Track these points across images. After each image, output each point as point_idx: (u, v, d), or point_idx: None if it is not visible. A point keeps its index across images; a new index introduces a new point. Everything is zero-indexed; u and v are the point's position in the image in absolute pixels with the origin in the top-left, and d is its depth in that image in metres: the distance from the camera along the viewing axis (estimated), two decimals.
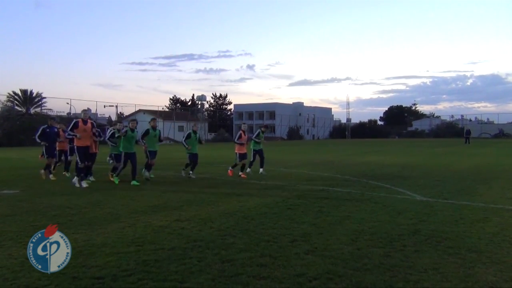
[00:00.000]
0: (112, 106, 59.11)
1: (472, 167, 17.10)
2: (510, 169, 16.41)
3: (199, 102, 73.67)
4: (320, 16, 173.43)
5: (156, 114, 56.82)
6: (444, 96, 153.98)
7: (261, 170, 14.55)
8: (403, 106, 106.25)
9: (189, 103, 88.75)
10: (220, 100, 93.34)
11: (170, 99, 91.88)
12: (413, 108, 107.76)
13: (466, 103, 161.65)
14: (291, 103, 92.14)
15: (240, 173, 13.96)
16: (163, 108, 72.07)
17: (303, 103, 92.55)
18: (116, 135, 12.73)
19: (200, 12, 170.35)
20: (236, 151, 14.19)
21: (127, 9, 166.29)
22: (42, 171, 13.43)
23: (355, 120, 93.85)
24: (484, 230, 6.49)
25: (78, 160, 11.37)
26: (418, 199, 9.33)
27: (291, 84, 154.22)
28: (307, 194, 9.87)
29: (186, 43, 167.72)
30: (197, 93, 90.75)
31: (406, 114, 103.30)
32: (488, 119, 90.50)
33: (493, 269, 4.67)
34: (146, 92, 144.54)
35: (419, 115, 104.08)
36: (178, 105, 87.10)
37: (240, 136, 14.19)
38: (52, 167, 13.77)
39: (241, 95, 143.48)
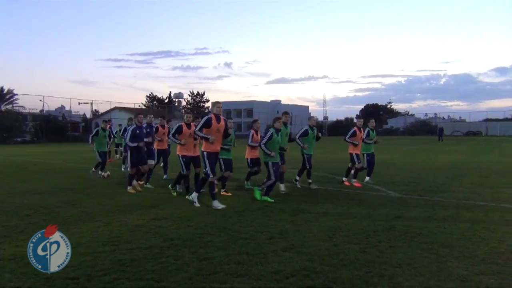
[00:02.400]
0: (87, 103, 58.10)
1: (445, 164, 17.50)
2: (481, 166, 16.88)
3: (176, 100, 73.07)
4: (297, 14, 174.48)
5: (132, 112, 56.01)
6: (419, 94, 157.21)
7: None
8: (379, 104, 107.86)
9: (166, 101, 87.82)
10: (198, 98, 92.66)
11: (147, 96, 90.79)
12: (389, 106, 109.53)
13: (439, 101, 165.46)
14: (269, 101, 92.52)
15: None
16: (139, 106, 71.07)
17: (280, 101, 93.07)
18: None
19: (177, 8, 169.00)
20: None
21: (102, 4, 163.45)
22: (134, 184, 10.34)
23: (332, 118, 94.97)
24: (456, 225, 6.65)
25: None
26: (393, 196, 9.50)
27: (268, 82, 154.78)
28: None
29: (162, 40, 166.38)
30: (174, 91, 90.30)
31: (381, 112, 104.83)
32: (460, 117, 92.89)
33: (464, 263, 4.80)
34: (122, 89, 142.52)
35: (394, 113, 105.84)
36: (155, 102, 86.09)
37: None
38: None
39: (219, 92, 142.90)
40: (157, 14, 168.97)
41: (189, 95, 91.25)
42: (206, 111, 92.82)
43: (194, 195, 8.43)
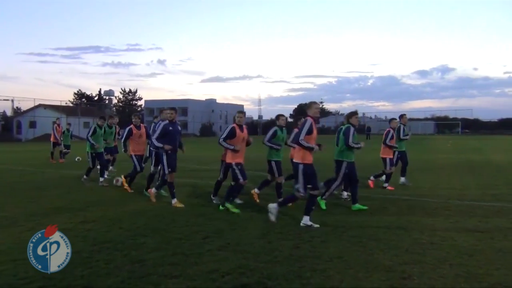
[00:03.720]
0: (8, 100, 54.11)
1: (372, 161, 18.40)
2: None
3: (107, 97, 70.25)
4: (232, 13, 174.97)
5: (59, 110, 53.06)
6: (348, 95, 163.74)
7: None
8: None
9: (95, 98, 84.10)
10: (130, 96, 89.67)
11: (75, 93, 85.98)
12: (320, 106, 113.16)
13: (367, 102, 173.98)
14: (204, 99, 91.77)
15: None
16: (66, 103, 67.35)
17: (215, 99, 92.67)
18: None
19: (107, 2, 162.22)
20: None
21: None
22: (175, 201, 8.24)
23: (266, 117, 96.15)
24: (383, 219, 7.04)
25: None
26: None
27: (203, 81, 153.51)
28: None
29: (91, 34, 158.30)
30: (104, 88, 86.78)
31: None
32: (386, 117, 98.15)
33: (390, 254, 5.10)
34: (47, 86, 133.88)
35: (325, 113, 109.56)
36: (83, 100, 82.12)
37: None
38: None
39: (152, 90, 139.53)
40: (85, 7, 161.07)
41: (120, 92, 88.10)
42: (139, 109, 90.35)
43: (305, 220, 6.49)
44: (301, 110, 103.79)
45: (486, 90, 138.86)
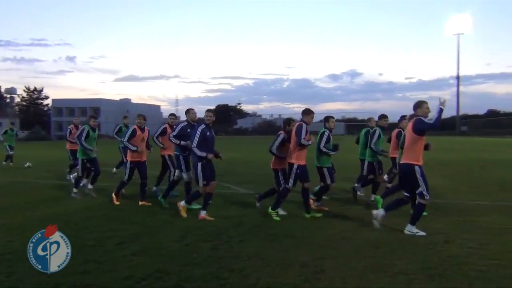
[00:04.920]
0: None
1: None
2: None
3: (9, 96, 64.58)
4: (149, 11, 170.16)
5: None
6: (265, 96, 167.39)
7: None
8: (229, 105, 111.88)
9: None
10: (35, 94, 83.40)
11: None
12: (238, 107, 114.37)
13: (283, 103, 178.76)
14: (118, 99, 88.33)
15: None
16: None
17: (130, 99, 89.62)
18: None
19: None
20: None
21: None
22: (204, 214, 7.12)
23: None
24: (298, 217, 7.29)
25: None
26: (242, 192, 9.96)
27: (117, 80, 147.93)
28: (135, 194, 9.32)
29: None
30: (5, 85, 79.58)
31: (232, 113, 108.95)
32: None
33: (305, 250, 5.30)
34: None
35: (243, 114, 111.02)
36: None
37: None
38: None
39: (61, 89, 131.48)
40: None
41: (24, 90, 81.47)
42: (45, 108, 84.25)
43: (409, 228, 6.08)
44: (220, 112, 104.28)
45: (390, 94, 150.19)
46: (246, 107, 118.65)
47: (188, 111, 8.42)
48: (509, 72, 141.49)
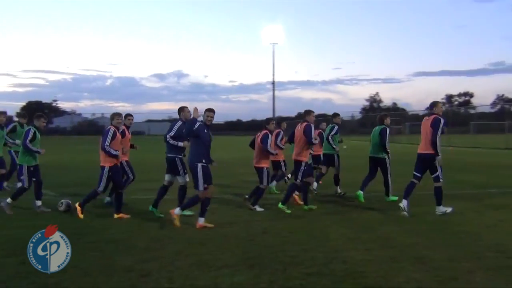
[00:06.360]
0: None
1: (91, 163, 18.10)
2: (146, 162, 18.43)
3: None
4: None
5: None
6: (86, 94, 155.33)
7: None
8: (43, 101, 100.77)
9: None
10: None
11: None
12: (54, 104, 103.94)
13: (106, 102, 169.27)
14: None
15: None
16: None
17: None
18: None
19: None
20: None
21: None
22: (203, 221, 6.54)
23: None
24: (118, 221, 6.99)
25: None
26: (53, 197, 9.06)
27: None
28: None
29: None
30: None
31: (46, 111, 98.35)
32: None
33: (129, 254, 5.12)
34: None
35: (60, 112, 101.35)
36: None
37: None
38: None
39: None
40: None
41: None
42: None
43: (439, 209, 7.35)
44: (32, 109, 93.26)
45: (214, 95, 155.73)
46: (64, 105, 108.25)
47: (182, 109, 7.61)
48: (313, 80, 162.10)
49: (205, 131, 6.64)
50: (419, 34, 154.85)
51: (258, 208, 7.83)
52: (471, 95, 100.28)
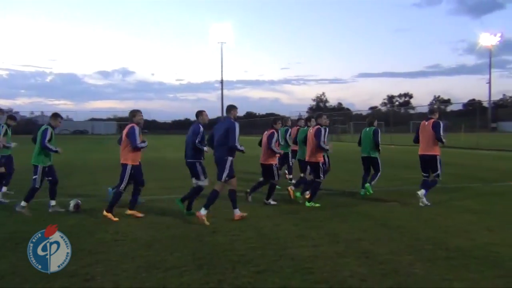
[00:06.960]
0: None
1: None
2: (89, 163, 17.76)
3: None
4: None
5: None
6: (23, 91, 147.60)
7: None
8: None
9: None
10: None
11: None
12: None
13: (46, 99, 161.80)
14: None
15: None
16: None
17: None
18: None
19: None
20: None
21: None
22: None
23: None
24: (66, 225, 6.70)
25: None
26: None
27: None
28: None
29: None
30: None
31: None
32: (68, 116, 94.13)
33: (73, 258, 4.89)
34: None
35: None
36: None
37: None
38: None
39: None
40: None
41: None
42: None
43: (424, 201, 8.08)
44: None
45: (161, 94, 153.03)
46: None
47: (201, 113, 7.63)
48: (261, 80, 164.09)
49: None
50: (363, 37, 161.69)
51: (272, 202, 8.32)
52: (411, 96, 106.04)
